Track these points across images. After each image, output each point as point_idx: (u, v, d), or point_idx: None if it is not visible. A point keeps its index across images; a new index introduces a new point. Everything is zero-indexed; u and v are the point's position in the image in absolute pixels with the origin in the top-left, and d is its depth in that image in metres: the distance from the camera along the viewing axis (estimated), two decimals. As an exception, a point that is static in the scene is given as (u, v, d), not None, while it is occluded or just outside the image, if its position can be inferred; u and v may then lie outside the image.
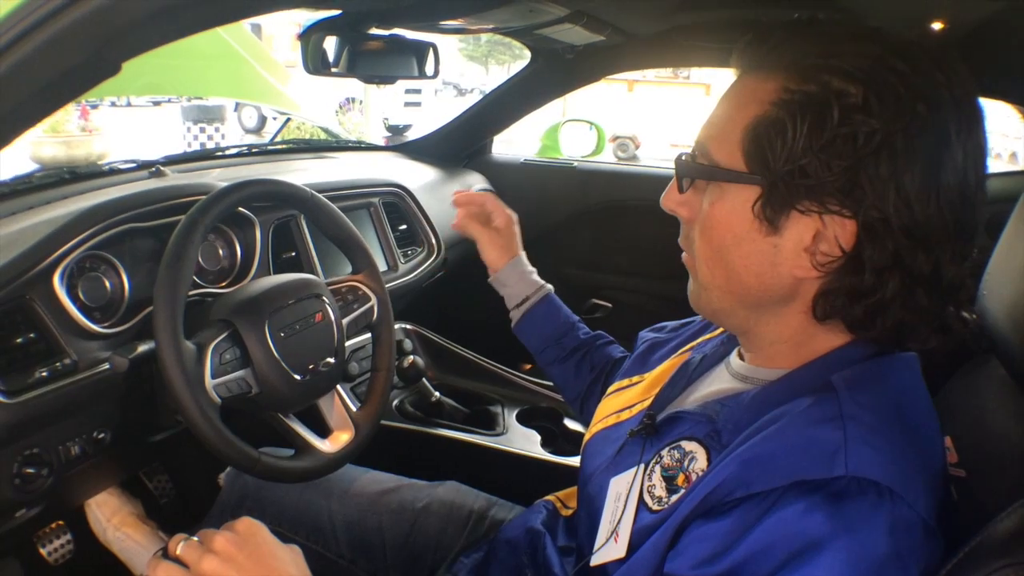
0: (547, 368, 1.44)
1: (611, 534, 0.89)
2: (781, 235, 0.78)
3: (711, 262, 0.85)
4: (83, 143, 9.39)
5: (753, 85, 0.80)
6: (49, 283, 1.20)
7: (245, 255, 1.54)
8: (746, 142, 0.78)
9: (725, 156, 0.81)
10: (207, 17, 0.97)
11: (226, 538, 0.89)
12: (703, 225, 0.85)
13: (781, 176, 0.75)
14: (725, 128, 0.81)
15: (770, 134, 0.76)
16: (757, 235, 0.79)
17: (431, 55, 1.83)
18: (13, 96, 0.83)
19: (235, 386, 1.24)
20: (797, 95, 0.74)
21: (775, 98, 0.76)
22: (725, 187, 0.81)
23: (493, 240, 1.46)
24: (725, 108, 0.84)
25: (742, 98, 0.81)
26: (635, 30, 2.13)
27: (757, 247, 0.80)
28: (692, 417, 0.90)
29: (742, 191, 0.79)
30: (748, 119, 0.78)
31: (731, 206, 0.81)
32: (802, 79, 0.75)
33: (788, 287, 0.81)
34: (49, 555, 1.73)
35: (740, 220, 0.80)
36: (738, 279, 0.83)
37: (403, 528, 1.37)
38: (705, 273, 0.87)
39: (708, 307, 0.90)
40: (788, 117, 0.74)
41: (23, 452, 1.20)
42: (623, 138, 12.04)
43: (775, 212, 0.77)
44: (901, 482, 0.69)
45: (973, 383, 1.05)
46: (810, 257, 0.77)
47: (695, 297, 0.92)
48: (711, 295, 0.88)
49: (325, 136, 6.29)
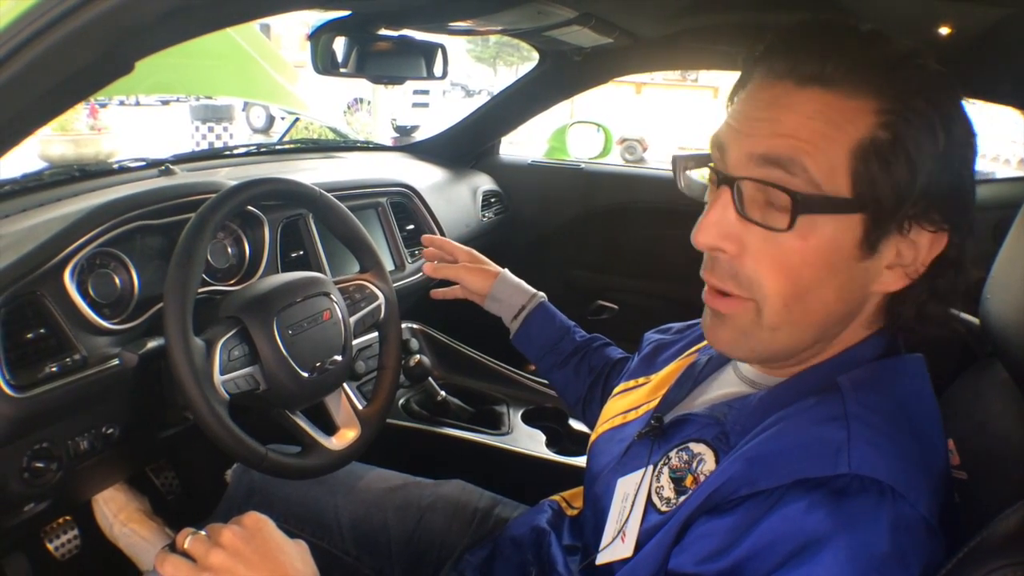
0: (547, 375, 1.44)
1: (618, 533, 0.90)
2: (874, 258, 0.76)
3: (791, 300, 0.77)
4: (92, 141, 9.41)
5: (837, 102, 0.73)
6: (60, 279, 1.21)
7: (254, 253, 1.55)
8: (855, 164, 0.73)
9: (826, 178, 0.73)
10: (220, 17, 0.98)
11: (233, 532, 0.90)
12: (784, 262, 0.75)
13: (901, 201, 0.73)
14: (821, 146, 0.73)
15: (888, 157, 0.72)
16: (854, 263, 0.76)
17: (439, 56, 1.84)
18: (29, 93, 0.84)
19: (243, 382, 1.25)
20: (902, 117, 0.72)
21: (878, 120, 0.72)
22: (817, 219, 0.73)
23: (471, 271, 1.45)
24: (805, 123, 0.74)
25: (829, 115, 0.73)
26: (643, 32, 2.13)
27: (851, 275, 0.77)
28: (700, 419, 0.90)
29: (841, 221, 0.74)
30: (854, 139, 0.73)
31: (831, 239, 0.74)
32: (896, 101, 0.72)
33: (862, 303, 0.80)
34: (56, 550, 1.74)
35: (840, 252, 0.75)
36: (824, 310, 0.78)
37: (408, 525, 1.38)
38: (778, 312, 0.78)
39: (766, 350, 0.82)
40: (908, 139, 0.72)
41: (33, 446, 1.21)
42: (631, 140, 12.05)
43: (879, 238, 0.75)
44: (904, 481, 0.69)
45: (977, 386, 1.05)
46: (896, 271, 0.77)
47: (741, 341, 0.82)
48: (778, 335, 0.79)
49: (333, 136, 6.31)
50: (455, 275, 1.46)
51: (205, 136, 10.59)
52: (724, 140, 0.80)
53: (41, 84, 0.83)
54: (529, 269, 2.93)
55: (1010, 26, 1.46)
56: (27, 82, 0.83)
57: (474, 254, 1.50)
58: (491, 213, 2.74)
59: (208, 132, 10.63)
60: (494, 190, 2.81)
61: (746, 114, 0.78)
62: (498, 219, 2.77)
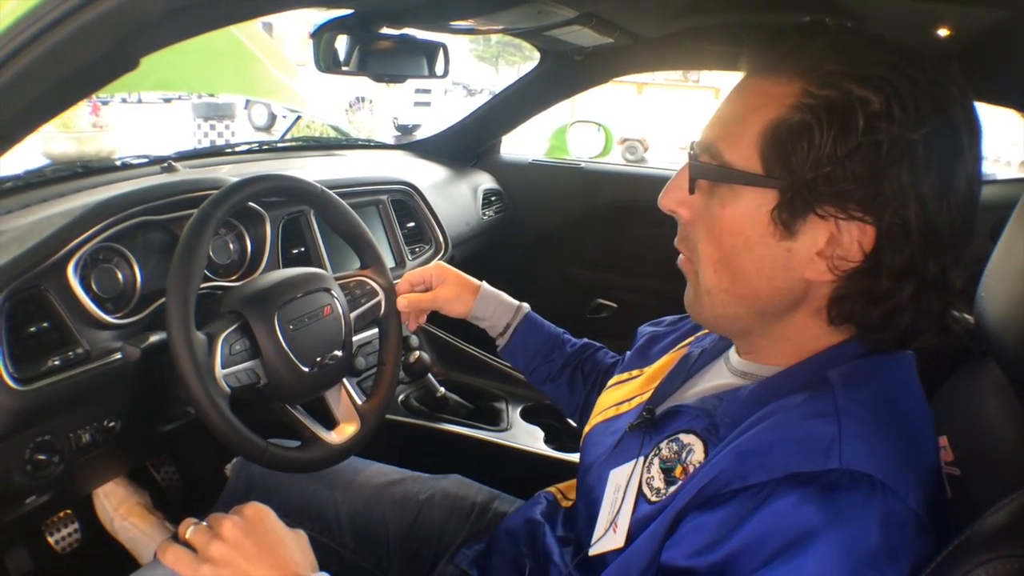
0: (541, 386, 1.43)
1: (610, 525, 0.91)
2: (795, 239, 0.78)
3: (718, 266, 0.84)
4: (94, 139, 9.41)
5: (768, 87, 0.79)
6: (63, 274, 1.22)
7: (255, 249, 1.56)
8: (764, 144, 0.78)
9: (739, 158, 0.80)
10: (224, 14, 0.98)
11: (234, 523, 0.91)
12: (711, 228, 0.83)
13: (804, 181, 0.75)
14: (737, 129, 0.80)
15: (793, 138, 0.75)
16: (771, 239, 0.79)
17: (441, 55, 1.85)
18: (34, 88, 0.85)
19: (244, 376, 1.26)
20: (820, 100, 0.74)
21: (795, 102, 0.76)
22: (738, 190, 0.80)
23: (445, 294, 1.39)
24: (735, 108, 0.82)
25: (756, 99, 0.80)
26: (644, 32, 2.14)
27: (770, 251, 0.80)
28: (691, 411, 0.91)
29: (757, 194, 0.79)
30: (765, 121, 0.77)
31: (745, 209, 0.80)
32: (822, 84, 0.74)
33: (799, 290, 0.81)
34: (57, 543, 1.75)
35: (754, 224, 0.79)
36: (747, 283, 0.83)
37: (406, 519, 1.39)
38: (710, 277, 0.85)
39: (710, 313, 0.89)
40: (814, 122, 0.74)
41: (35, 439, 1.22)
42: (632, 140, 12.05)
43: (792, 217, 0.77)
44: (894, 476, 0.70)
45: (970, 384, 1.06)
46: (826, 261, 0.78)
47: (694, 303, 0.90)
48: (715, 300, 0.86)
49: (335, 134, 6.30)
50: (431, 306, 1.40)
51: (207, 134, 10.60)
52: None
53: (46, 79, 0.84)
54: (529, 267, 2.97)
55: (1009, 28, 1.47)
56: (33, 77, 0.84)
57: (445, 268, 1.42)
58: (491, 211, 2.74)
59: (210, 130, 10.64)
60: (495, 188, 2.82)
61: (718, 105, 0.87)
62: (498, 217, 2.78)
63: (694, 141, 0.86)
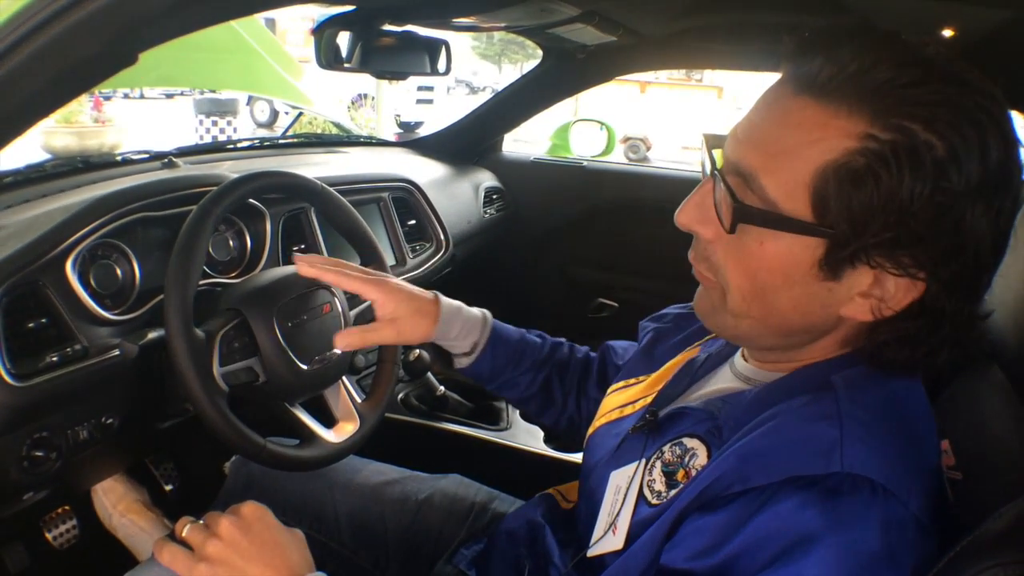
0: (512, 402, 1.34)
1: (609, 526, 0.90)
2: (839, 282, 0.75)
3: (749, 296, 0.79)
4: (96, 134, 9.42)
5: (824, 118, 0.71)
6: (61, 269, 1.21)
7: (255, 246, 1.56)
8: (818, 187, 0.71)
9: (784, 196, 0.72)
10: (225, 9, 0.98)
11: (231, 522, 0.90)
12: (745, 262, 0.78)
13: (863, 234, 0.70)
14: (786, 163, 0.72)
15: (857, 185, 0.69)
16: (813, 281, 0.75)
17: (443, 52, 1.84)
18: (33, 82, 0.84)
19: (243, 374, 1.26)
20: (887, 145, 0.67)
21: (858, 145, 0.69)
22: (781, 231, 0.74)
23: (403, 326, 1.17)
24: (782, 134, 0.73)
25: (811, 132, 0.71)
26: (647, 31, 2.13)
27: (810, 290, 0.76)
28: (694, 414, 0.91)
29: (803, 239, 0.73)
30: (823, 160, 0.70)
31: (788, 251, 0.75)
32: (886, 125, 0.68)
33: (831, 323, 0.80)
34: (55, 539, 1.75)
35: (797, 266, 0.75)
36: (779, 316, 0.80)
37: (405, 519, 1.38)
38: (739, 304, 0.80)
39: (732, 332, 0.86)
40: (882, 169, 0.68)
41: (32, 435, 1.22)
42: (634, 139, 12.04)
43: (841, 264, 0.73)
44: (896, 480, 0.70)
45: (974, 388, 1.05)
46: (868, 302, 0.75)
47: (712, 316, 0.86)
48: (740, 323, 0.82)
49: (336, 131, 6.31)
50: (391, 340, 1.18)
51: (209, 130, 10.61)
52: (731, 132, 0.80)
53: (45, 73, 0.84)
54: (530, 266, 2.96)
55: (1015, 29, 1.46)
56: (31, 71, 0.83)
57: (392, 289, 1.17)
58: (493, 210, 2.74)
59: (212, 126, 10.65)
60: (496, 187, 2.82)
61: (748, 113, 0.79)
62: (500, 216, 2.77)
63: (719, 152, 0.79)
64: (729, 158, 0.78)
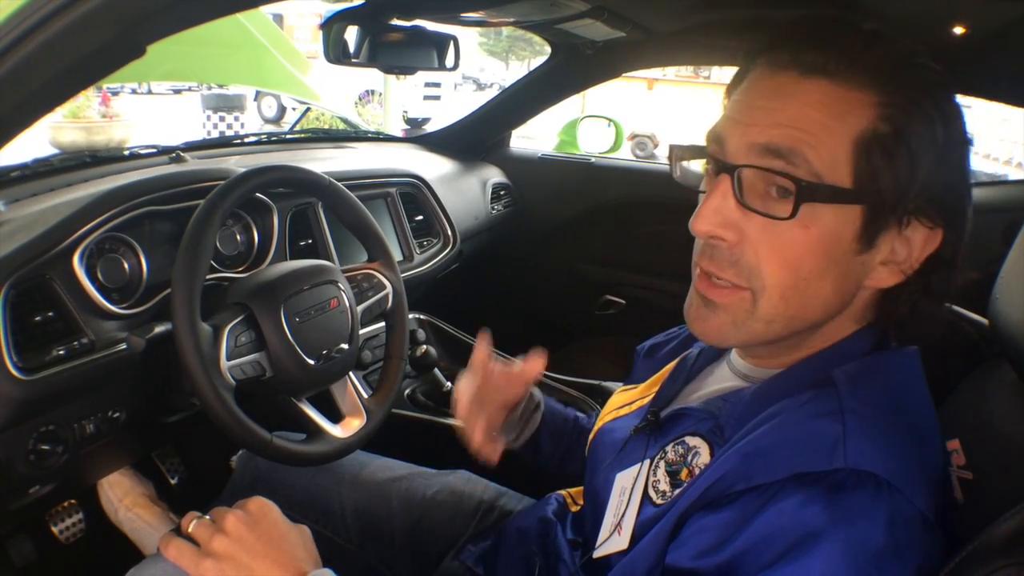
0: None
1: (615, 527, 0.90)
2: (871, 253, 0.77)
3: (789, 292, 0.77)
4: (103, 129, 9.44)
5: (841, 94, 0.74)
6: (69, 263, 1.21)
7: (262, 241, 1.55)
8: (857, 155, 0.73)
9: (828, 170, 0.73)
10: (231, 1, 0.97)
11: (237, 518, 0.90)
12: (784, 252, 0.75)
13: (900, 195, 0.74)
14: (824, 138, 0.73)
15: (890, 150, 0.73)
16: (852, 256, 0.76)
17: (451, 48, 1.84)
18: (41, 74, 0.84)
19: (249, 368, 1.26)
20: (904, 111, 0.73)
21: (880, 112, 0.73)
22: (818, 207, 0.74)
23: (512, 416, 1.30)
24: (807, 113, 0.74)
25: (832, 107, 0.74)
26: (656, 27, 2.12)
27: (849, 267, 0.77)
28: (695, 414, 0.90)
29: (842, 212, 0.74)
30: (857, 131, 0.73)
31: (831, 229, 0.75)
32: (897, 94, 0.73)
33: (849, 298, 0.80)
34: (60, 533, 1.75)
35: (839, 243, 0.75)
36: (821, 303, 0.78)
37: (412, 515, 1.38)
38: (776, 305, 0.78)
39: (760, 339, 0.82)
40: (909, 132, 0.73)
41: (39, 429, 1.22)
42: (642, 136, 12.00)
43: (878, 231, 0.75)
44: (900, 476, 0.69)
45: (984, 387, 1.04)
46: (889, 267, 0.78)
47: (733, 331, 0.82)
48: (773, 327, 0.80)
49: (344, 126, 6.31)
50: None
51: (216, 125, 10.63)
52: (722, 132, 0.80)
53: (53, 66, 0.84)
54: (537, 262, 2.96)
55: (1024, 25, 1.45)
56: (39, 64, 0.83)
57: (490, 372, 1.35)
58: (500, 206, 2.74)
59: (220, 121, 10.66)
60: (504, 183, 2.81)
61: (747, 103, 0.79)
62: (507, 212, 2.77)
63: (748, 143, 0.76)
64: (754, 141, 0.76)
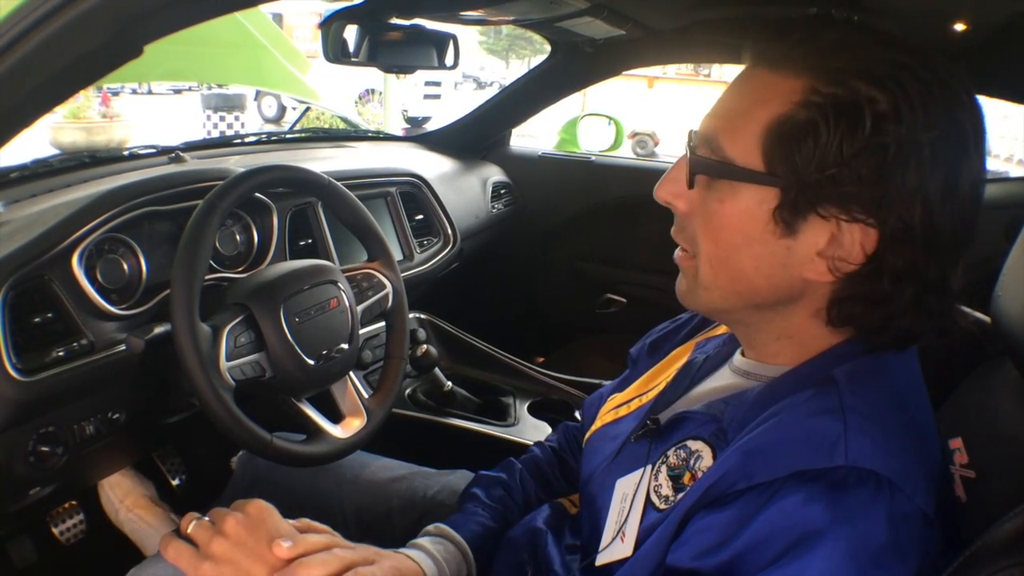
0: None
1: (617, 534, 0.89)
2: (796, 237, 0.77)
3: (716, 262, 0.83)
4: (103, 129, 9.45)
5: (773, 81, 0.77)
6: (68, 264, 1.21)
7: (262, 241, 1.55)
8: (767, 141, 0.76)
9: (740, 153, 0.78)
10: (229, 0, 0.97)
11: (237, 520, 0.90)
12: (709, 223, 0.82)
13: (808, 182, 0.73)
14: (739, 123, 0.79)
15: (798, 137, 0.74)
16: (771, 237, 0.78)
17: (451, 46, 1.83)
18: (38, 74, 0.84)
19: (249, 369, 1.25)
20: (827, 98, 0.72)
21: (802, 99, 0.74)
22: (738, 186, 0.79)
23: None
24: (738, 101, 0.81)
25: (760, 93, 0.78)
26: (655, 24, 2.12)
27: (769, 248, 0.79)
28: (697, 417, 0.90)
29: (758, 192, 0.77)
30: (770, 117, 0.76)
31: (744, 206, 0.79)
32: (829, 81, 0.73)
33: (797, 288, 0.80)
34: (61, 534, 1.75)
35: (754, 221, 0.78)
36: (746, 280, 0.82)
37: (413, 515, 1.38)
38: (708, 273, 0.84)
39: (706, 306, 0.89)
40: (821, 121, 0.72)
41: (39, 430, 1.22)
42: (642, 135, 11.99)
43: (794, 216, 0.76)
44: (900, 473, 0.69)
45: (987, 385, 1.04)
46: (826, 261, 0.77)
47: (689, 295, 0.90)
48: (712, 295, 0.85)
49: (344, 126, 6.31)
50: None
51: (216, 125, 10.63)
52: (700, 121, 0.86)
53: (50, 66, 0.83)
54: (538, 261, 2.96)
55: (1027, 22, 1.45)
56: (36, 64, 0.83)
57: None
58: (501, 204, 2.74)
59: (220, 121, 10.67)
60: (504, 181, 2.81)
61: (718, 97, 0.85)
62: (508, 210, 2.77)
63: (692, 131, 0.85)
64: (701, 131, 0.84)
